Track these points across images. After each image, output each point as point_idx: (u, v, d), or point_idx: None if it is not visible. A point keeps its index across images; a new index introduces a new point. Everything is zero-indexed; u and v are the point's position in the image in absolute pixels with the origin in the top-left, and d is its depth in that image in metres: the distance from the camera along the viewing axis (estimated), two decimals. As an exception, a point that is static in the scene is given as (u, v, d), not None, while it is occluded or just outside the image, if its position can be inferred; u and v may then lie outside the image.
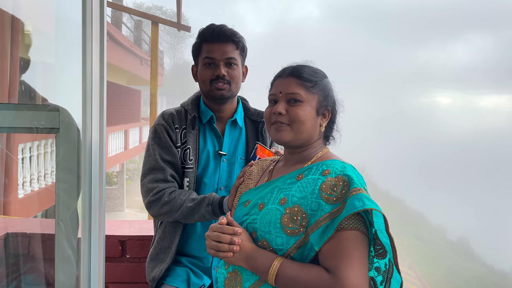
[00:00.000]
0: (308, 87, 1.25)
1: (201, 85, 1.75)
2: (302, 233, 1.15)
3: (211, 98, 1.74)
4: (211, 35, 1.71)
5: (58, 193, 1.05)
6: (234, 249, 1.18)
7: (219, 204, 1.58)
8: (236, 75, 1.71)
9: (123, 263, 2.13)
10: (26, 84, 1.48)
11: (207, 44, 1.71)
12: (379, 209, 1.12)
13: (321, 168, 1.22)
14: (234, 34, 1.71)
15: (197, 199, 1.61)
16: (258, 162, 1.49)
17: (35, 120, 1.05)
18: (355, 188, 1.13)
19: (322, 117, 1.28)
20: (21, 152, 6.13)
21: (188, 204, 1.61)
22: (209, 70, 1.70)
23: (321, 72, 1.32)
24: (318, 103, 1.26)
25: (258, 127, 1.82)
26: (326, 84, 1.29)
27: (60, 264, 1.06)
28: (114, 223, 2.39)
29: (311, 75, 1.27)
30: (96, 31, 1.01)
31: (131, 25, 21.85)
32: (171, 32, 49.98)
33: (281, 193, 1.23)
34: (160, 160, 1.68)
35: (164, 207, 1.63)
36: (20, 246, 1.59)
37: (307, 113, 1.24)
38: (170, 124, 1.73)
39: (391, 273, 1.21)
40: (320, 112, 1.27)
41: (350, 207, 1.11)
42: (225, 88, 1.69)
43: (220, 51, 1.69)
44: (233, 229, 1.20)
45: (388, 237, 1.15)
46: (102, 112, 1.03)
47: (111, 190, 17.63)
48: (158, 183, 1.66)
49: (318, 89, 1.27)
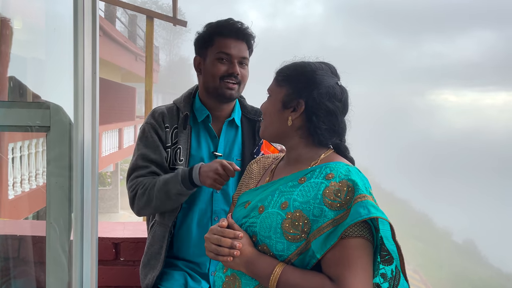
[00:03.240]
0: (278, 80, 1.29)
1: (209, 79, 1.69)
2: (304, 239, 1.15)
3: (215, 96, 1.69)
4: (229, 30, 1.67)
5: (49, 194, 1.05)
6: (234, 254, 1.18)
7: (189, 178, 1.56)
8: (246, 76, 1.70)
9: (116, 267, 2.13)
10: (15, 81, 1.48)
11: (222, 38, 1.67)
12: (385, 217, 1.11)
13: (325, 171, 1.21)
14: (251, 34, 1.69)
15: (166, 178, 1.59)
16: (260, 160, 1.47)
17: (25, 118, 1.05)
18: (360, 195, 1.12)
19: (291, 111, 1.25)
20: (11, 151, 6.12)
21: (159, 187, 1.59)
22: (222, 66, 1.66)
23: (309, 65, 1.26)
24: (284, 96, 1.25)
25: (255, 126, 1.78)
26: (301, 76, 1.25)
27: (51, 268, 1.06)
28: (108, 225, 2.39)
29: (286, 69, 1.29)
30: (88, 25, 1.00)
31: (125, 20, 21.82)
32: (167, 27, 49.91)
33: (282, 196, 1.22)
34: (142, 160, 1.67)
35: (141, 200, 1.62)
36: (10, 249, 1.58)
37: (269, 105, 1.29)
38: (160, 123, 1.70)
39: (398, 280, 1.21)
40: (288, 105, 1.25)
41: (355, 215, 1.10)
42: (235, 88, 1.67)
43: (237, 49, 1.66)
44: (234, 233, 1.20)
45: (395, 245, 1.14)
46: (94, 110, 1.03)
47: (105, 191, 17.62)
48: (137, 178, 1.66)
49: (287, 82, 1.26)
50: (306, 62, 1.29)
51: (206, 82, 1.70)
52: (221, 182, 1.52)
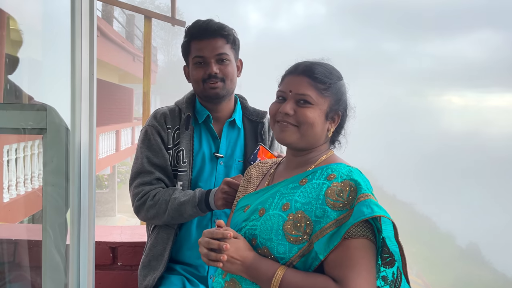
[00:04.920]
0: (320, 89, 1.23)
1: (194, 86, 1.74)
2: (306, 241, 1.15)
3: (206, 99, 1.73)
4: (198, 32, 1.69)
5: (45, 197, 1.05)
6: (220, 258, 1.13)
7: (206, 202, 1.58)
8: (229, 71, 1.70)
9: (114, 271, 2.13)
10: (11, 82, 1.48)
11: (196, 41, 1.70)
12: (389, 216, 1.12)
13: (326, 172, 1.21)
14: (222, 28, 1.69)
15: (182, 200, 1.61)
16: (258, 165, 1.48)
17: (21, 120, 1.05)
18: (363, 194, 1.13)
19: (331, 122, 1.27)
20: (6, 153, 6.12)
21: (174, 206, 1.61)
22: (200, 70, 1.69)
23: (337, 72, 1.29)
24: (329, 107, 1.24)
25: (258, 128, 1.80)
26: (339, 87, 1.27)
27: (48, 272, 1.05)
28: (105, 229, 2.39)
29: (325, 76, 1.24)
30: (85, 26, 1.01)
31: (123, 20, 21.85)
32: (165, 27, 49.98)
33: (283, 198, 1.22)
34: (147, 164, 1.68)
35: (150, 211, 1.64)
36: (6, 253, 1.58)
37: (316, 116, 1.23)
38: (162, 124, 1.72)
39: (399, 283, 1.21)
40: (330, 116, 1.26)
41: (358, 214, 1.10)
42: (219, 86, 1.68)
43: (210, 48, 1.67)
44: (223, 233, 1.16)
45: (397, 245, 1.15)
46: (92, 112, 1.03)
47: (101, 194, 17.61)
48: (144, 186, 1.67)
49: (330, 93, 1.24)
50: (335, 69, 1.29)
51: (195, 89, 1.75)
52: (230, 199, 1.54)
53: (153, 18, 7.23)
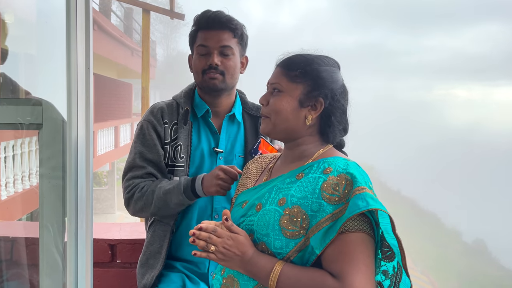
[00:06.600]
0: (291, 76, 1.25)
1: (195, 75, 1.74)
2: (303, 236, 1.15)
3: (204, 90, 1.73)
4: (206, 22, 1.70)
5: (42, 194, 1.05)
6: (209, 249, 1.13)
7: (192, 188, 1.58)
8: (231, 66, 1.69)
9: (113, 269, 2.13)
10: (5, 77, 1.48)
11: (202, 31, 1.70)
12: (384, 209, 1.11)
13: (323, 166, 1.21)
14: (230, 21, 1.69)
15: (167, 188, 1.61)
16: (257, 160, 1.48)
17: (17, 116, 1.05)
18: (359, 187, 1.13)
19: (309, 109, 1.25)
20: (3, 150, 6.13)
21: (159, 196, 1.61)
22: (202, 59, 1.69)
23: (322, 61, 1.27)
24: (302, 94, 1.24)
25: (258, 122, 1.80)
26: (320, 73, 1.24)
27: (46, 270, 1.06)
28: (103, 226, 2.40)
29: (298, 63, 1.25)
30: (81, 18, 1.00)
31: (121, 13, 21.81)
32: (163, 20, 49.89)
33: (279, 193, 1.22)
34: (139, 159, 1.69)
35: (138, 203, 1.65)
36: (3, 251, 1.59)
37: (284, 103, 1.24)
38: (158, 119, 1.72)
39: (400, 277, 1.21)
40: (306, 103, 1.24)
41: (353, 208, 1.10)
42: (218, 78, 1.68)
43: (215, 39, 1.67)
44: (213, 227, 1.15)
45: (395, 239, 1.15)
46: (88, 107, 1.03)
47: (101, 191, 17.64)
48: (134, 179, 1.68)
49: (304, 78, 1.24)
50: (318, 57, 1.28)
51: (195, 78, 1.75)
52: (226, 187, 1.54)
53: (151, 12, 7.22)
